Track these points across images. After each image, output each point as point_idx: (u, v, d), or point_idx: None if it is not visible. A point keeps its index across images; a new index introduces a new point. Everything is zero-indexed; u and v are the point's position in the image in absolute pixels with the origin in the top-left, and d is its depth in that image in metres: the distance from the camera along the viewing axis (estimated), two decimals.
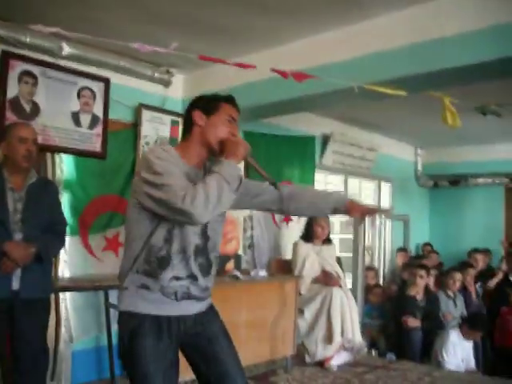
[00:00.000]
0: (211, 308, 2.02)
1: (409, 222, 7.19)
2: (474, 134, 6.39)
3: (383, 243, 6.81)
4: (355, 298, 4.88)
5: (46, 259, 2.86)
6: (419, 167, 7.59)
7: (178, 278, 1.84)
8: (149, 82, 4.42)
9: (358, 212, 2.11)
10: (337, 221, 6.64)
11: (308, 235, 4.79)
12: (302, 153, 5.65)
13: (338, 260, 5.11)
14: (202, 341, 1.93)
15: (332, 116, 6.01)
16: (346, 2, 3.21)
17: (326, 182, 6.45)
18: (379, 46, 3.27)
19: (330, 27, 3.55)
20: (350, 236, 5.94)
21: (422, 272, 5.13)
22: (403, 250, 6.65)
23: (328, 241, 4.87)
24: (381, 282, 6.32)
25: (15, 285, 2.73)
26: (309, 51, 3.67)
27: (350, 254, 5.72)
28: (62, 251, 3.72)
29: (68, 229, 3.73)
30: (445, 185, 7.50)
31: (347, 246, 6.28)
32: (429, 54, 3.03)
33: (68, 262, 3.79)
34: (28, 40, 3.58)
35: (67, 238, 3.75)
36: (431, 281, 5.44)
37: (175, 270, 1.83)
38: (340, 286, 4.52)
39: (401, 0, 3.14)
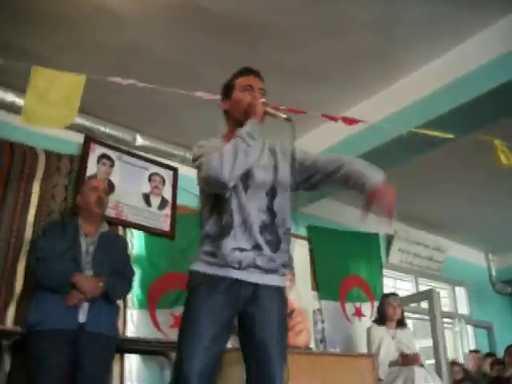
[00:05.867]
0: (278, 292, 1.97)
1: (492, 329, 6.65)
2: None
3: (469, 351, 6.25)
4: None
5: (112, 296, 2.97)
6: (493, 272, 7.24)
7: (241, 250, 1.90)
8: None
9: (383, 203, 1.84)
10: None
11: (381, 317, 4.57)
12: (367, 249, 5.65)
13: None
14: (256, 321, 1.90)
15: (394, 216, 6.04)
16: (383, 64, 3.56)
17: (395, 287, 6.26)
18: (421, 93, 3.53)
19: (375, 91, 3.86)
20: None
21: None
22: (475, 351, 6.03)
23: (402, 324, 4.61)
24: None
25: (82, 318, 2.81)
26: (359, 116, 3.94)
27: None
28: (129, 323, 3.77)
29: (136, 302, 3.89)
30: None
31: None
32: (465, 85, 3.28)
33: (135, 335, 3.77)
34: (107, 131, 4.09)
35: (135, 311, 3.85)
36: None
37: (238, 242, 1.90)
38: (422, 365, 4.17)
39: (434, 49, 3.46)
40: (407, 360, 4.22)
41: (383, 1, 3.03)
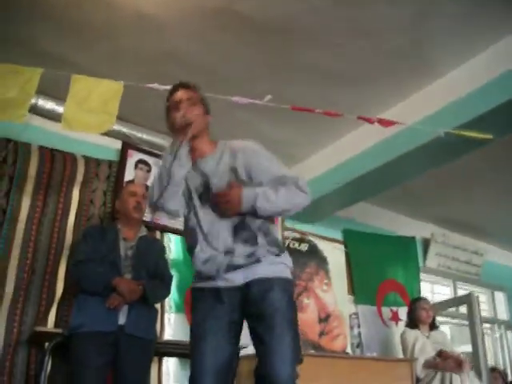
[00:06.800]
0: (269, 283, 1.93)
1: None
2: None
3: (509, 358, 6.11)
4: None
5: (151, 300, 2.99)
6: None
7: (214, 258, 1.96)
8: None
9: None
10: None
11: (412, 322, 4.47)
12: (404, 253, 5.59)
13: None
14: (254, 317, 1.92)
15: (431, 219, 5.97)
16: (418, 65, 3.53)
17: (433, 291, 6.17)
18: (457, 93, 3.47)
19: (410, 92, 3.81)
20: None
21: None
22: None
23: (435, 326, 4.52)
24: None
25: (121, 320, 2.85)
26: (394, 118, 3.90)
27: None
28: (167, 326, 3.81)
29: (174, 305, 3.92)
30: None
31: None
32: (503, 84, 3.22)
33: (173, 338, 3.79)
34: (144, 136, 4.16)
35: (173, 315, 3.89)
36: None
37: (206, 252, 1.97)
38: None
39: (465, 51, 3.41)
40: (448, 363, 4.09)
41: (418, 0, 3.00)
